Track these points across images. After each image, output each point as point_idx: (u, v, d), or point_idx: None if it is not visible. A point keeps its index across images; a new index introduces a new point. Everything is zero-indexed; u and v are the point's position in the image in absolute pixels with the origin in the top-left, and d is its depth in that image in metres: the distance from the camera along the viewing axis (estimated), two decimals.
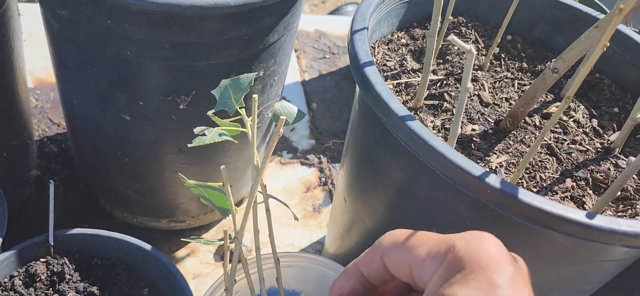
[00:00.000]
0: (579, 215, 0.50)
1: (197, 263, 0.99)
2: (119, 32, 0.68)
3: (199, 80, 0.74)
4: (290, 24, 0.79)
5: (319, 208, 1.09)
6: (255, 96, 0.44)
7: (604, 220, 0.50)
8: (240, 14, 0.68)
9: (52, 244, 0.70)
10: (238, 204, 1.07)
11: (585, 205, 0.63)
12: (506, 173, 0.65)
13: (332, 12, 1.89)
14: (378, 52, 0.76)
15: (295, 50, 1.46)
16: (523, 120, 0.72)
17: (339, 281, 0.41)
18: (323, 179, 1.15)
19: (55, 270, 0.70)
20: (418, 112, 0.70)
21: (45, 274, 0.69)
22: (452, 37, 0.53)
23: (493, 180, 0.51)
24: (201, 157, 0.88)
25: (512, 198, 0.50)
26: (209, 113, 0.49)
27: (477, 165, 0.52)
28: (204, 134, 0.48)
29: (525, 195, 0.50)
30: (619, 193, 0.66)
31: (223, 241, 0.48)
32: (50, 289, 0.69)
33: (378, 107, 0.57)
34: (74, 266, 0.71)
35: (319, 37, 1.48)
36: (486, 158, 0.66)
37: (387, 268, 0.38)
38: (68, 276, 0.70)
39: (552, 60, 0.62)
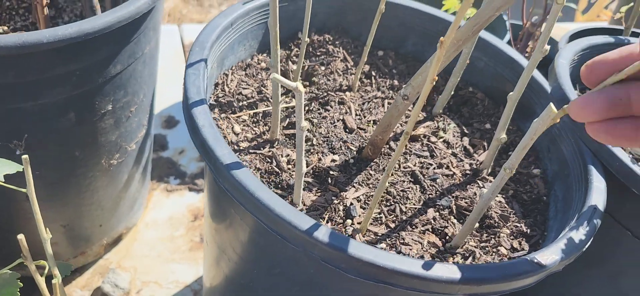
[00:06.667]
0: (414, 267, 0.45)
1: None
2: None
3: (30, 122, 0.66)
4: (137, 52, 0.71)
5: None
6: None
7: (441, 270, 0.46)
8: (62, 50, 0.60)
9: None
10: (116, 241, 0.99)
11: (446, 237, 0.60)
12: (363, 209, 0.60)
13: None
14: (232, 80, 0.69)
15: None
16: (387, 146, 0.67)
17: (608, 60, 0.39)
18: None
19: None
20: (274, 145, 0.65)
21: None
22: (274, 76, 0.47)
23: (322, 234, 0.46)
24: (57, 201, 0.79)
25: (342, 254, 0.45)
26: None
27: (305, 217, 0.47)
28: None
29: (356, 249, 0.45)
30: (486, 220, 0.62)
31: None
32: None
33: (205, 153, 0.51)
34: None
35: None
36: (342, 193, 0.61)
37: None
38: None
39: (403, 86, 0.58)
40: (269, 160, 0.63)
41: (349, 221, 0.58)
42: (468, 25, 0.51)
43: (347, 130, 0.69)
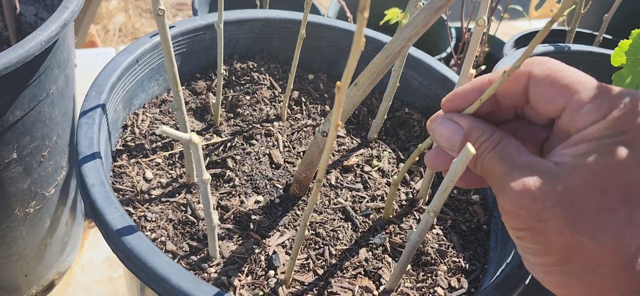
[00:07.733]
0: None
1: None
2: None
3: None
4: (40, 94, 0.65)
5: None
6: None
7: None
8: None
9: None
10: (49, 288, 0.92)
11: (381, 279, 0.55)
12: (289, 255, 0.55)
13: None
14: (143, 120, 0.64)
15: None
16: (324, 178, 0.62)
17: (464, 92, 0.39)
18: None
19: None
20: (191, 190, 0.60)
21: None
22: (162, 129, 0.42)
23: None
24: None
25: None
26: None
27: (206, 286, 0.42)
28: None
29: None
30: (422, 257, 0.58)
31: None
32: None
33: (94, 217, 0.46)
34: None
35: None
36: (264, 240, 0.56)
37: (526, 95, 0.37)
38: None
39: (321, 122, 0.53)
40: (184, 209, 0.57)
41: (271, 272, 0.53)
42: (380, 57, 0.47)
43: (273, 165, 0.64)
